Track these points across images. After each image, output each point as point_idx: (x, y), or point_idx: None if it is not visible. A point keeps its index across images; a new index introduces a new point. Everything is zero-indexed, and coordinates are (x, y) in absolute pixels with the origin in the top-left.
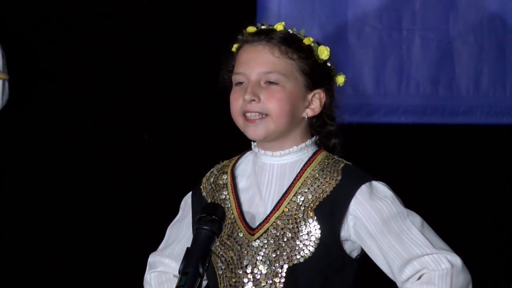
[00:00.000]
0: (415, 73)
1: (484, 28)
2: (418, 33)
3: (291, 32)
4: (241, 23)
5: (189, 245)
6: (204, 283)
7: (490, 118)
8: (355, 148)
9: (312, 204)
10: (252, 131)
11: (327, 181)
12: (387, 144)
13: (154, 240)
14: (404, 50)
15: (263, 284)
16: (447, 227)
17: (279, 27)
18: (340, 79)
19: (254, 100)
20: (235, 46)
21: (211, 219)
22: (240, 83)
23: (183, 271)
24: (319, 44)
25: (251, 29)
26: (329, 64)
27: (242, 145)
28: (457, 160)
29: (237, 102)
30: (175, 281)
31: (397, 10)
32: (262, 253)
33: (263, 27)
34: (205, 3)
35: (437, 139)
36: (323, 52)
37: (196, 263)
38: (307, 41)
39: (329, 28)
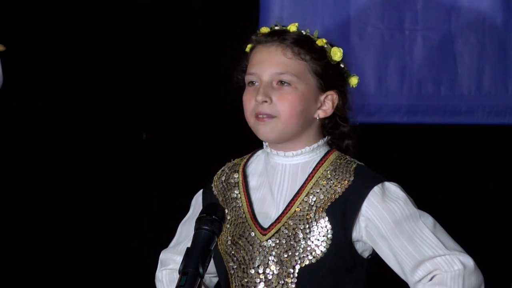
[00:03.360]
0: (417, 73)
1: (486, 28)
2: (420, 33)
3: (304, 33)
4: (243, 24)
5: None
6: (215, 279)
7: (492, 118)
8: (357, 148)
9: (324, 205)
10: (262, 130)
11: (339, 182)
12: (389, 144)
13: (152, 240)
14: (406, 50)
15: (275, 285)
16: (448, 227)
17: (293, 28)
18: (354, 81)
19: (266, 101)
20: (248, 47)
21: (211, 219)
22: (252, 83)
23: (183, 271)
24: (332, 46)
25: (264, 29)
26: (342, 66)
27: (243, 145)
28: (459, 160)
29: (249, 103)
30: None
31: (399, 10)
32: (274, 253)
33: (276, 28)
34: (207, 4)
35: (439, 139)
36: (336, 54)
37: (196, 263)
38: (320, 42)
39: (331, 28)
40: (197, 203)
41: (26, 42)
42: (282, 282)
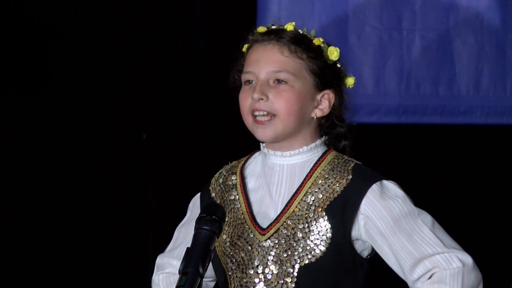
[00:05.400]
0: (415, 73)
1: (484, 28)
2: (418, 33)
3: (301, 32)
4: (242, 24)
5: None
6: (212, 284)
7: (490, 118)
8: (355, 148)
9: (322, 204)
10: (260, 133)
11: (337, 181)
12: (387, 144)
13: (152, 240)
14: (404, 50)
15: (274, 284)
16: (447, 227)
17: (289, 27)
18: (350, 81)
19: (262, 99)
20: (245, 46)
21: (211, 219)
22: (249, 82)
23: (183, 271)
24: (329, 45)
25: (261, 29)
26: (338, 65)
27: (243, 145)
28: (457, 160)
29: (246, 101)
30: None
31: (397, 10)
32: (273, 253)
33: (273, 27)
34: (206, 4)
35: (437, 139)
36: (333, 53)
37: (196, 263)
38: (317, 41)
39: (329, 28)
40: (194, 207)
41: (26, 42)
42: (282, 281)
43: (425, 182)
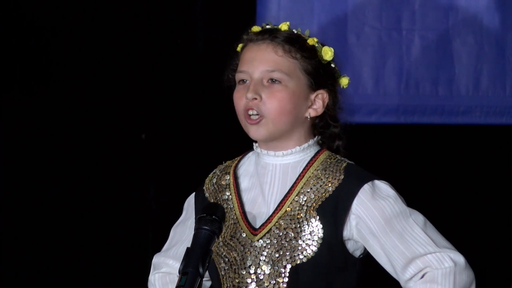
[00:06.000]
0: (414, 73)
1: (483, 28)
2: (417, 33)
3: (295, 32)
4: (241, 23)
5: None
6: (208, 283)
7: (489, 118)
8: (354, 148)
9: (314, 204)
10: (254, 131)
11: (329, 181)
12: (386, 144)
13: (152, 240)
14: (404, 50)
15: (266, 284)
16: (446, 227)
17: (284, 27)
18: (344, 81)
19: (256, 99)
20: (240, 46)
21: (211, 219)
22: (243, 81)
23: (183, 271)
24: (323, 45)
25: (255, 28)
26: (333, 65)
27: (242, 145)
28: (457, 160)
29: (240, 101)
30: None
31: (396, 10)
32: (265, 253)
33: (268, 26)
34: (205, 3)
35: (437, 139)
36: (327, 53)
37: (196, 263)
38: (311, 41)
39: (328, 28)
40: (189, 207)
41: (26, 42)
42: (274, 282)
43: (424, 182)
